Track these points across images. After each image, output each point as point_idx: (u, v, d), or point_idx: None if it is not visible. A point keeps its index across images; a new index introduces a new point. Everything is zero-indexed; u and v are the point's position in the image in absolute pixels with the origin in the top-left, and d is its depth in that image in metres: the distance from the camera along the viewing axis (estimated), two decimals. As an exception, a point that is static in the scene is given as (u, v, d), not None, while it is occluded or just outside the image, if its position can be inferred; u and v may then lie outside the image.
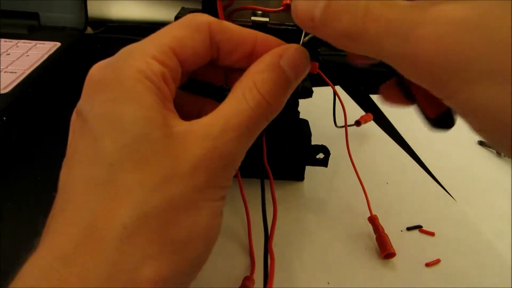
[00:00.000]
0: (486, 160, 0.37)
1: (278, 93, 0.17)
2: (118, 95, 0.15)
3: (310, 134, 0.29)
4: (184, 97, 0.20)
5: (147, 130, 0.15)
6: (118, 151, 0.15)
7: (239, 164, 0.17)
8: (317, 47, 0.24)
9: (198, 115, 0.17)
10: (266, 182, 0.26)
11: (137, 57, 0.16)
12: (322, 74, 0.20)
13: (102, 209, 0.14)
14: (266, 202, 0.24)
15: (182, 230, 0.15)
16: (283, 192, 0.30)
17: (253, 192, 0.25)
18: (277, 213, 0.26)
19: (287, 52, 0.18)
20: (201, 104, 0.20)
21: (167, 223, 0.15)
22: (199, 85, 0.21)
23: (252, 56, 0.18)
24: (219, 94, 0.21)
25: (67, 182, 0.15)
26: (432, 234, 0.27)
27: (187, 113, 0.18)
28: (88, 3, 0.49)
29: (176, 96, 0.17)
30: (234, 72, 0.20)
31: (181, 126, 0.16)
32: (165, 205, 0.15)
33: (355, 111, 0.42)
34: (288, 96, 0.18)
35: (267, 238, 0.23)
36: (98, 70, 0.16)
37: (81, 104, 0.16)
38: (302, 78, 0.18)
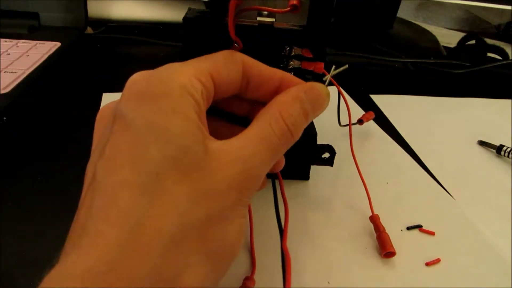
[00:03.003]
0: (486, 160, 0.37)
1: (300, 125, 0.19)
2: (165, 107, 0.16)
3: (315, 134, 0.29)
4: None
5: (191, 144, 0.16)
6: (164, 161, 0.15)
7: (260, 184, 0.18)
8: (324, 47, 0.25)
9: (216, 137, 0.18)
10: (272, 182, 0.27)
11: (181, 73, 0.17)
12: (327, 74, 0.20)
13: (148, 216, 0.15)
14: (268, 202, 0.24)
15: (215, 243, 0.16)
16: (289, 191, 0.30)
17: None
18: (289, 213, 0.26)
19: (312, 88, 0.20)
20: (217, 126, 0.22)
21: (205, 235, 0.16)
22: (220, 112, 0.22)
23: (277, 93, 0.20)
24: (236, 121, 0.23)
25: (108, 184, 0.15)
26: (432, 233, 0.27)
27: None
28: (88, 3, 0.49)
29: None
30: (257, 105, 0.21)
31: (214, 143, 0.17)
32: (205, 218, 0.16)
33: (355, 110, 0.42)
34: (305, 127, 0.20)
35: (282, 238, 0.24)
36: (143, 78, 0.17)
37: (124, 108, 0.16)
38: (318, 114, 0.20)
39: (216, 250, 0.16)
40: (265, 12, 0.23)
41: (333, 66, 0.21)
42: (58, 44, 0.43)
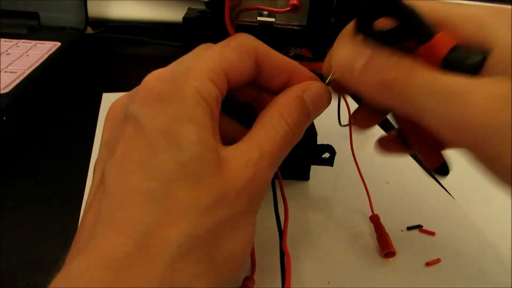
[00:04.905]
0: (486, 160, 0.37)
1: (301, 124, 0.19)
2: (179, 113, 0.16)
3: (316, 134, 0.29)
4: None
5: (204, 152, 0.15)
6: (176, 169, 0.15)
7: (268, 188, 0.18)
8: (324, 47, 0.25)
9: (222, 133, 0.18)
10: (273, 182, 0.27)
11: (196, 76, 0.17)
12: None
13: (157, 224, 0.14)
14: (268, 202, 0.24)
15: (224, 252, 0.16)
16: (289, 191, 0.30)
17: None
18: (289, 212, 0.26)
19: (311, 88, 0.19)
20: (224, 122, 0.21)
21: (213, 244, 0.15)
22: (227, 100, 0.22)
23: (288, 84, 0.20)
24: (244, 112, 0.22)
25: (118, 188, 0.15)
26: (432, 233, 0.27)
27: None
28: (88, 3, 0.49)
29: None
30: (266, 93, 0.21)
31: (225, 150, 0.17)
32: (213, 227, 0.15)
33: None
34: (307, 126, 0.20)
35: (281, 238, 0.24)
36: (158, 81, 0.17)
37: (137, 110, 0.16)
38: (320, 112, 0.20)
39: (224, 260, 0.16)
40: (265, 12, 0.23)
41: None
42: (58, 44, 0.43)
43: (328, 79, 0.20)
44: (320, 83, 0.20)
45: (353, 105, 0.46)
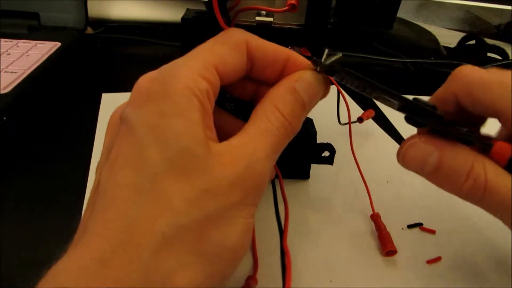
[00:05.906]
0: (487, 159, 0.37)
1: (297, 114, 0.19)
2: (166, 109, 0.16)
3: (315, 133, 0.29)
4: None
5: (191, 145, 0.15)
6: (163, 162, 0.15)
7: (267, 181, 0.18)
8: (322, 46, 0.24)
9: (223, 131, 0.18)
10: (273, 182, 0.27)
11: (185, 73, 0.17)
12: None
13: (143, 216, 0.15)
14: (268, 201, 0.24)
15: (215, 244, 0.16)
16: (289, 190, 0.30)
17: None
18: (289, 211, 0.26)
19: (303, 77, 0.19)
20: (225, 119, 0.21)
21: (202, 236, 0.15)
22: (226, 99, 0.22)
23: (283, 74, 0.20)
24: (244, 109, 0.22)
25: (109, 186, 0.16)
26: (433, 232, 0.27)
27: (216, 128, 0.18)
28: (88, 3, 0.49)
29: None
30: (264, 87, 0.21)
31: (217, 145, 0.17)
32: (202, 219, 0.15)
33: (355, 110, 0.42)
34: (305, 116, 0.19)
35: (282, 237, 0.24)
36: (147, 82, 0.17)
37: (128, 112, 0.17)
38: (316, 101, 0.20)
39: (214, 252, 0.16)
40: (264, 12, 0.23)
41: (326, 50, 0.20)
42: (58, 44, 0.43)
43: (319, 67, 0.20)
44: (313, 72, 0.19)
45: (353, 105, 0.46)
